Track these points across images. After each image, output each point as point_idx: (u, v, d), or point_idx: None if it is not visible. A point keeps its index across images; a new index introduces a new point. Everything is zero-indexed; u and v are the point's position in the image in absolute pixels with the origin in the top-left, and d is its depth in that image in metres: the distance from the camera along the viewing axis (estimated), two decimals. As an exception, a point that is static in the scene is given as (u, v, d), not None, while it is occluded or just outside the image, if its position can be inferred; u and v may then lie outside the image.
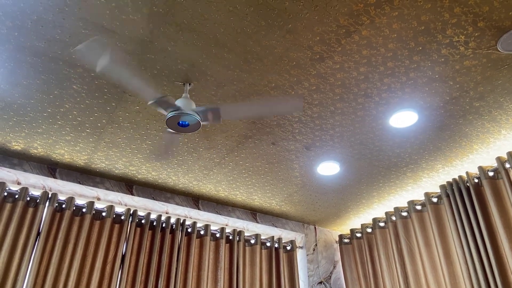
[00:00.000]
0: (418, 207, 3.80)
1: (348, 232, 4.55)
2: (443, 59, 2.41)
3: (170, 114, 2.28)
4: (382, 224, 4.15)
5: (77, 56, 2.31)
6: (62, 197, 3.33)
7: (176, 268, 3.48)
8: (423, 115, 2.86)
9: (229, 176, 3.59)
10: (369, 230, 4.30)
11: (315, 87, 2.62)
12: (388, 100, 2.72)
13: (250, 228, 4.19)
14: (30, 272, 2.94)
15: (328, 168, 3.49)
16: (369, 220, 4.37)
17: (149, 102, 2.26)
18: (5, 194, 3.10)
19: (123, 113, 2.80)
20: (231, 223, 4.09)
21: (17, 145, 3.11)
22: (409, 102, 2.74)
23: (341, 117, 2.88)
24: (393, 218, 4.00)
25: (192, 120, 2.32)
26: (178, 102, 2.31)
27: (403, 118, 2.88)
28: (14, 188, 3.17)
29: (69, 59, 2.35)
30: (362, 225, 4.37)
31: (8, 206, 3.06)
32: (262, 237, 4.13)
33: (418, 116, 2.87)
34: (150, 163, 3.35)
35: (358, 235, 4.42)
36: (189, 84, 2.54)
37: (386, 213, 4.08)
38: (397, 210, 3.96)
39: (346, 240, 4.50)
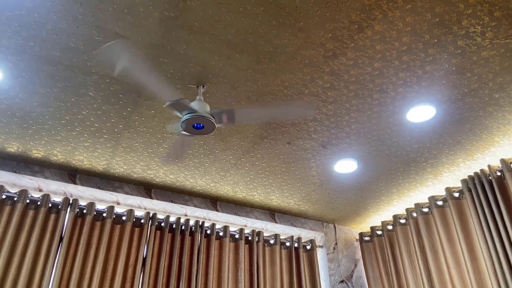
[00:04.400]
0: (440, 203, 3.73)
1: (368, 230, 4.50)
2: (459, 51, 2.36)
3: (186, 117, 2.29)
4: (403, 221, 4.09)
5: (97, 58, 2.34)
6: (82, 203, 3.38)
7: (197, 270, 3.50)
8: (441, 108, 2.81)
9: (246, 177, 3.59)
10: (389, 227, 4.24)
11: (329, 84, 2.59)
12: (405, 94, 2.67)
13: (269, 228, 4.18)
14: (54, 277, 2.99)
15: (346, 166, 3.45)
16: (389, 217, 4.31)
17: (166, 104, 2.28)
18: (28, 201, 3.16)
19: (139, 117, 2.83)
20: (250, 224, 4.09)
21: (37, 153, 3.17)
22: (426, 96, 2.69)
23: (357, 113, 2.85)
24: (414, 214, 3.94)
25: (207, 122, 2.33)
26: (193, 105, 2.32)
27: (421, 113, 2.83)
28: (36, 195, 3.24)
29: (85, 66, 2.38)
30: (382, 222, 4.31)
31: (31, 213, 3.13)
32: (281, 237, 4.11)
33: (436, 110, 2.82)
34: (168, 166, 3.38)
35: (379, 232, 4.37)
36: (203, 86, 2.55)
37: (407, 210, 4.01)
38: (418, 206, 3.89)
39: (366, 238, 4.45)
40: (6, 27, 2.10)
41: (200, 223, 3.74)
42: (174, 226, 3.63)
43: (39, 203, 3.19)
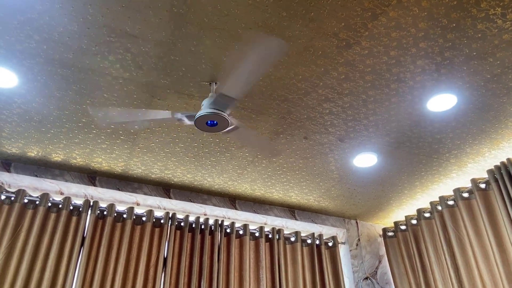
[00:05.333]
0: (465, 195, 3.61)
1: (392, 225, 4.39)
2: (480, 35, 2.26)
3: (201, 113, 2.26)
4: (427, 215, 3.97)
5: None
6: (103, 204, 3.41)
7: (218, 269, 3.48)
8: (463, 96, 2.70)
9: (264, 174, 3.55)
10: (414, 221, 4.13)
11: (344, 75, 2.53)
12: (424, 83, 2.59)
13: (289, 225, 4.13)
14: (77, 278, 3.02)
15: (365, 160, 3.37)
16: (413, 212, 4.19)
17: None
18: (49, 204, 3.21)
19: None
20: (270, 221, 4.05)
21: (57, 157, 3.21)
22: (446, 83, 2.59)
23: (374, 105, 2.77)
24: (439, 207, 3.82)
25: (221, 120, 2.30)
26: (206, 102, 2.29)
27: (441, 101, 2.74)
28: (58, 198, 3.28)
29: (98, 68, 2.39)
30: (406, 217, 4.20)
31: (53, 216, 3.17)
32: (302, 234, 4.06)
33: (458, 98, 2.72)
34: (185, 165, 3.37)
35: (403, 227, 4.26)
36: (215, 83, 2.52)
37: (431, 203, 3.90)
38: (443, 199, 3.77)
39: (390, 234, 4.35)
40: (18, 32, 2.12)
41: (220, 222, 3.73)
42: (193, 226, 3.63)
43: (60, 206, 3.23)
